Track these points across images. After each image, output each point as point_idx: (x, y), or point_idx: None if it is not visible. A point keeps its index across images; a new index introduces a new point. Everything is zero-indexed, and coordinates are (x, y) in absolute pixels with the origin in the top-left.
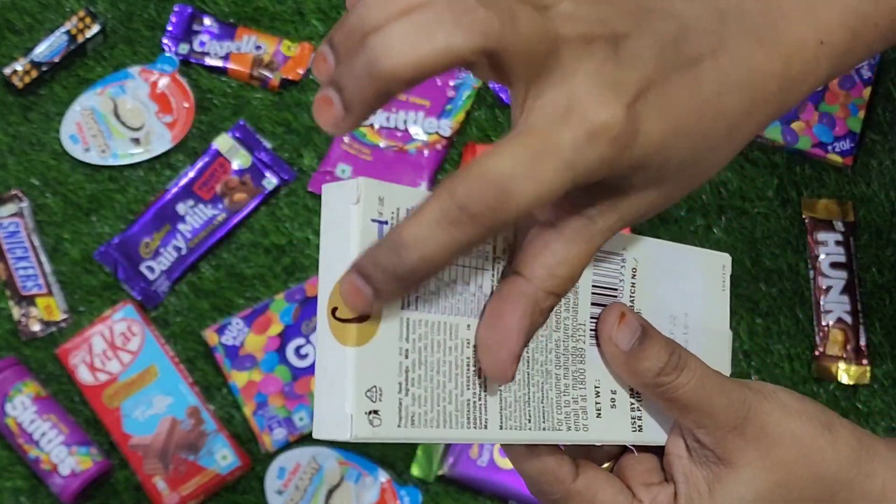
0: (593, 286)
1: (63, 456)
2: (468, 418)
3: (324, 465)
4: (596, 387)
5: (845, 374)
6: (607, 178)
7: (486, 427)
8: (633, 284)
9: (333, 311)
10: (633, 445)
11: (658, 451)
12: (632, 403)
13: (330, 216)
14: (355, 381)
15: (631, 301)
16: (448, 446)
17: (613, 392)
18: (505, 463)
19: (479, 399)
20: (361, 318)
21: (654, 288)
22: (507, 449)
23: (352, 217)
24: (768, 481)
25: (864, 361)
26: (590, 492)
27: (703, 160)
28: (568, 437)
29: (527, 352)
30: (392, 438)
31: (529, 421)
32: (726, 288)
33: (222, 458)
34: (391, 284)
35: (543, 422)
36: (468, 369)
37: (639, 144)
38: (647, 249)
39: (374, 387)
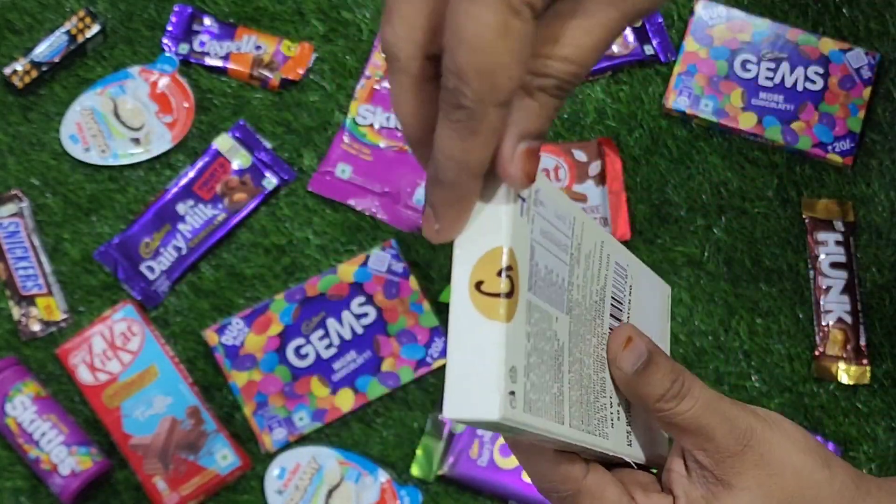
0: (612, 298)
1: (63, 456)
2: (555, 412)
3: (324, 465)
4: (611, 396)
5: (845, 373)
6: None
7: (563, 423)
8: (630, 301)
9: (478, 285)
10: (630, 460)
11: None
12: (627, 417)
13: None
14: (504, 359)
15: (627, 318)
16: (448, 446)
17: (618, 404)
18: (505, 463)
19: (560, 394)
20: (508, 294)
21: (641, 307)
22: (517, 446)
23: (501, 189)
24: None
25: (864, 361)
26: (599, 489)
27: None
28: (598, 442)
29: (580, 352)
30: (519, 424)
31: (582, 423)
32: (668, 317)
33: (222, 458)
34: (441, 198)
35: (588, 425)
36: (555, 362)
37: None
38: (635, 267)
39: (514, 367)
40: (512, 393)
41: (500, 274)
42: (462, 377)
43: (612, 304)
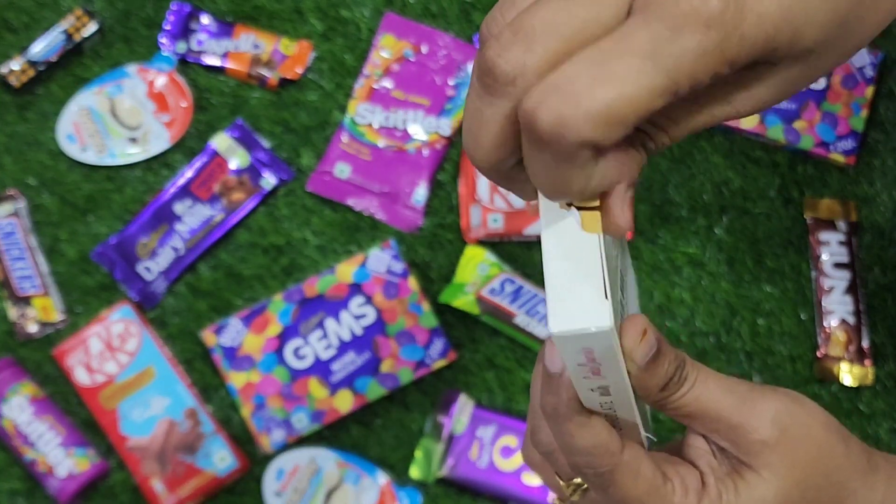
0: (620, 268)
1: (60, 458)
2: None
3: (322, 466)
4: None
5: (848, 375)
6: (727, 70)
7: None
8: (626, 281)
9: (570, 201)
10: (643, 433)
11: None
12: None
13: None
14: (605, 270)
15: (626, 300)
16: (447, 448)
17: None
18: (504, 465)
19: (621, 318)
20: (599, 207)
21: (630, 293)
22: (559, 419)
23: None
24: (788, 480)
25: (867, 362)
26: (635, 464)
27: (854, 22)
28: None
29: (619, 288)
30: (614, 341)
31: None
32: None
33: (220, 459)
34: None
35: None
36: (616, 282)
37: (749, 23)
38: (626, 250)
39: (608, 281)
40: (612, 307)
41: None
42: (569, 291)
43: (619, 276)
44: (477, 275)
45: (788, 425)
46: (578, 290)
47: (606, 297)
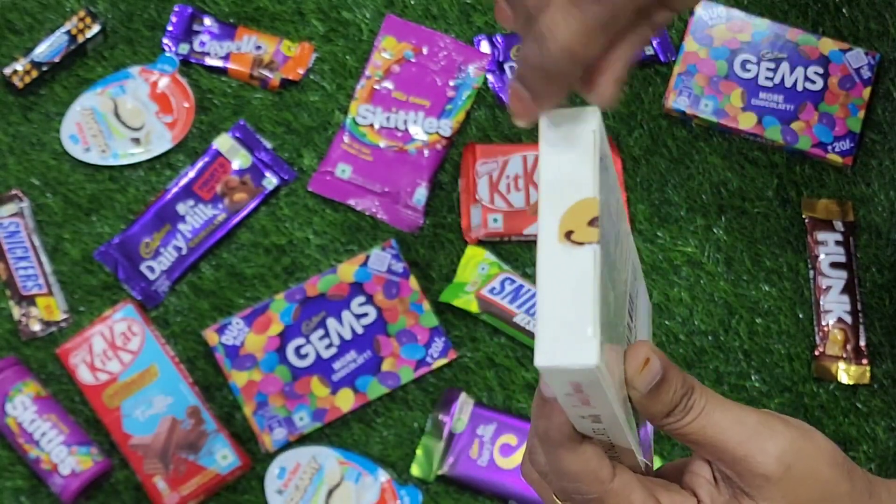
0: (629, 294)
1: (63, 456)
2: (612, 371)
3: (324, 464)
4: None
5: (845, 373)
6: None
7: (615, 392)
8: (636, 306)
9: (568, 234)
10: (639, 458)
11: (673, 474)
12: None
13: (557, 142)
14: (598, 308)
15: (634, 324)
16: (448, 446)
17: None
18: (505, 463)
19: (615, 352)
20: (598, 242)
21: (640, 316)
22: (547, 439)
23: (590, 143)
24: None
25: (864, 361)
26: (625, 492)
27: None
28: (630, 424)
29: (620, 319)
30: (601, 377)
31: (623, 406)
32: (651, 333)
33: (222, 457)
34: (542, 82)
35: (627, 415)
36: (609, 318)
37: None
38: (640, 274)
39: (600, 319)
40: (601, 343)
41: (592, 223)
42: (556, 326)
43: (629, 300)
44: (477, 274)
45: (794, 462)
46: (568, 323)
47: (594, 334)
